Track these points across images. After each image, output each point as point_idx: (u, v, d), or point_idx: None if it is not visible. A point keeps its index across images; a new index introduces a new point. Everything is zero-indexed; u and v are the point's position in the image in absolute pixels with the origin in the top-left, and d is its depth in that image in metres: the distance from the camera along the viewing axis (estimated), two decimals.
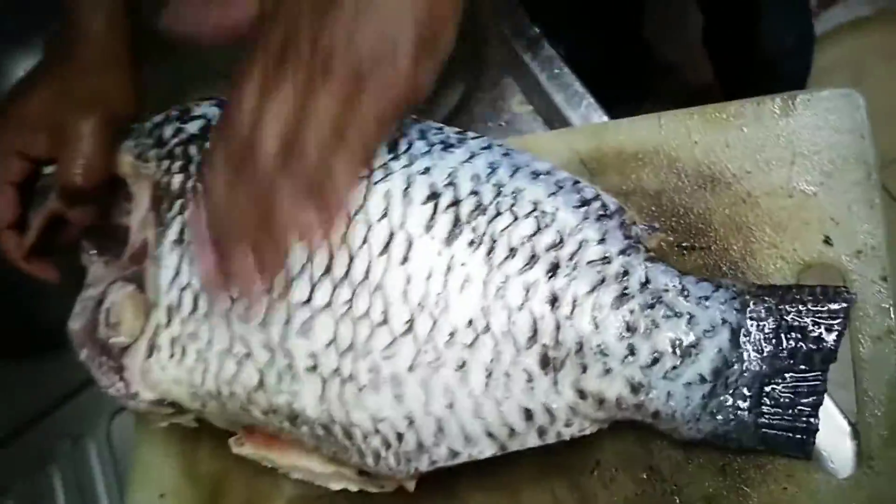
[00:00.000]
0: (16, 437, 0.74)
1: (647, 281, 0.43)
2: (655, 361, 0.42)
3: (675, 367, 0.42)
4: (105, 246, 0.55)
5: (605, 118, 0.59)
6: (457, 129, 0.48)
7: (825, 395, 0.42)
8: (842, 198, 0.47)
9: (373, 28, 0.39)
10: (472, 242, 0.43)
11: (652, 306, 0.42)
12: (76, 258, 0.56)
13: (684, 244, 0.49)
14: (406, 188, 0.44)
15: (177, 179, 0.48)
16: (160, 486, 0.57)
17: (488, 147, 0.47)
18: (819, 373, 0.42)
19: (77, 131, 0.49)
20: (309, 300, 0.43)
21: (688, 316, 0.42)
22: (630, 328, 0.42)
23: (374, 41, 0.39)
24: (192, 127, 0.50)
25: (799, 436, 0.42)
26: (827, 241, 0.47)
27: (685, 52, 1.45)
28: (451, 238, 0.43)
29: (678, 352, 0.42)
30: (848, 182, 0.47)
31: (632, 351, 0.42)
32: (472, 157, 0.46)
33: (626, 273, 0.43)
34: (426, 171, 0.45)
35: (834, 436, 0.44)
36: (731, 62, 1.21)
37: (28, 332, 0.75)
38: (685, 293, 0.43)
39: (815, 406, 0.42)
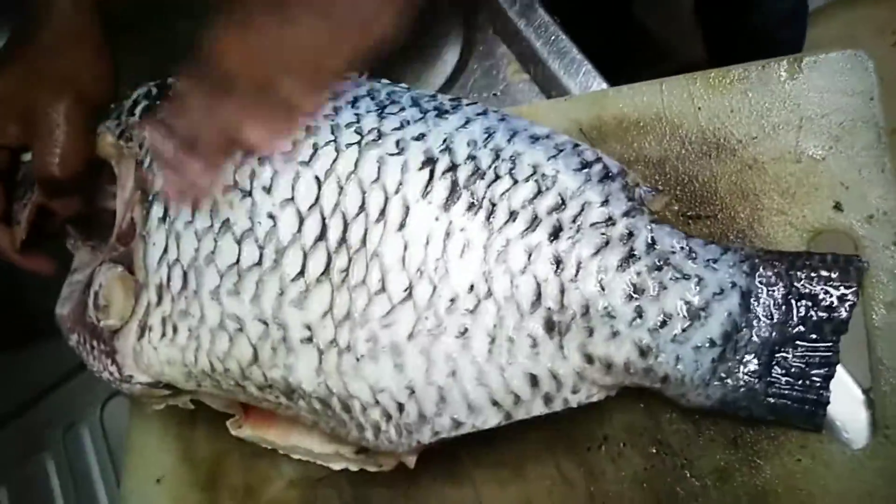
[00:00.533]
0: (7, 426, 0.73)
1: (654, 243, 0.41)
2: (664, 324, 0.40)
3: (684, 330, 0.41)
4: (90, 231, 0.53)
5: (605, 85, 0.58)
6: (451, 97, 0.47)
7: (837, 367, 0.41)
8: (852, 162, 0.46)
9: None
10: (470, 207, 0.41)
11: (659, 268, 0.41)
12: (59, 244, 0.54)
13: (689, 213, 0.48)
14: (399, 153, 0.43)
15: None
16: (157, 470, 0.55)
17: (484, 113, 0.46)
18: (831, 343, 0.41)
19: (49, 118, 0.47)
20: (302, 270, 0.42)
21: (696, 278, 0.41)
22: (637, 290, 0.41)
23: None
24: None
25: (809, 407, 0.41)
26: (837, 206, 0.45)
27: (676, 28, 1.43)
28: (449, 203, 0.41)
29: (687, 314, 0.41)
30: (858, 146, 0.46)
31: (639, 313, 0.40)
32: (467, 122, 0.44)
33: (630, 235, 0.41)
34: (420, 137, 0.43)
35: (848, 405, 0.43)
36: (723, 33, 1.19)
37: (14, 321, 0.74)
38: (693, 255, 0.42)
39: (827, 378, 0.41)
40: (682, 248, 0.42)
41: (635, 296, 0.41)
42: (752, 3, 1.07)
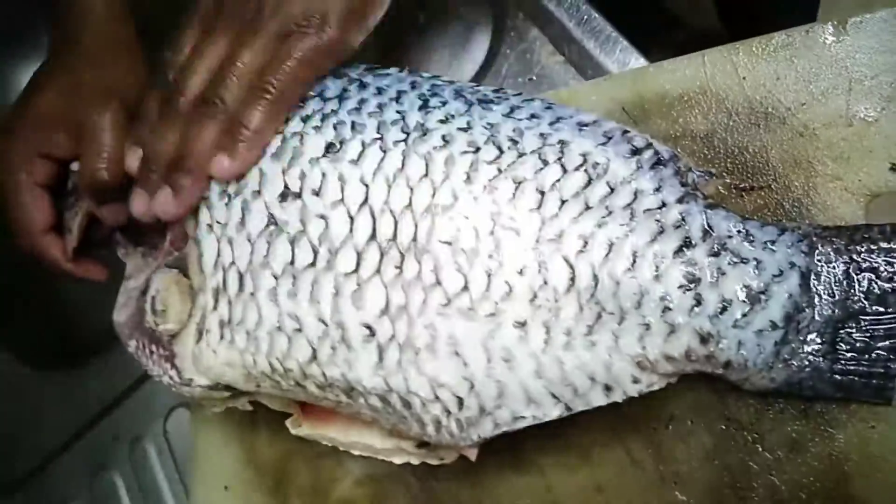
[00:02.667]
0: (72, 446, 0.74)
1: (710, 228, 0.41)
2: (724, 310, 0.40)
3: (744, 315, 0.40)
4: (140, 237, 0.54)
5: (643, 61, 0.57)
6: (494, 87, 0.47)
7: None
8: None
9: None
10: (519, 195, 0.41)
11: (717, 254, 0.40)
12: (109, 255, 0.55)
13: (742, 185, 0.47)
14: (444, 145, 0.42)
15: None
16: (223, 478, 0.56)
17: (528, 101, 0.45)
18: (895, 314, 0.40)
19: (95, 125, 0.48)
20: (356, 269, 0.42)
21: (755, 261, 0.40)
22: (694, 278, 0.40)
23: (303, 5, 0.43)
24: None
25: (878, 381, 0.40)
26: (893, 168, 0.44)
27: None
28: (497, 192, 0.41)
29: (747, 299, 0.40)
30: None
31: (698, 301, 0.40)
32: (512, 111, 0.44)
33: (685, 221, 0.41)
34: (466, 128, 0.43)
35: None
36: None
37: (69, 340, 0.75)
38: (750, 238, 0.41)
39: (893, 349, 0.40)
40: (738, 231, 0.41)
41: (693, 283, 0.40)
42: None
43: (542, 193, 0.41)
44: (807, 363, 0.40)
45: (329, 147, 0.44)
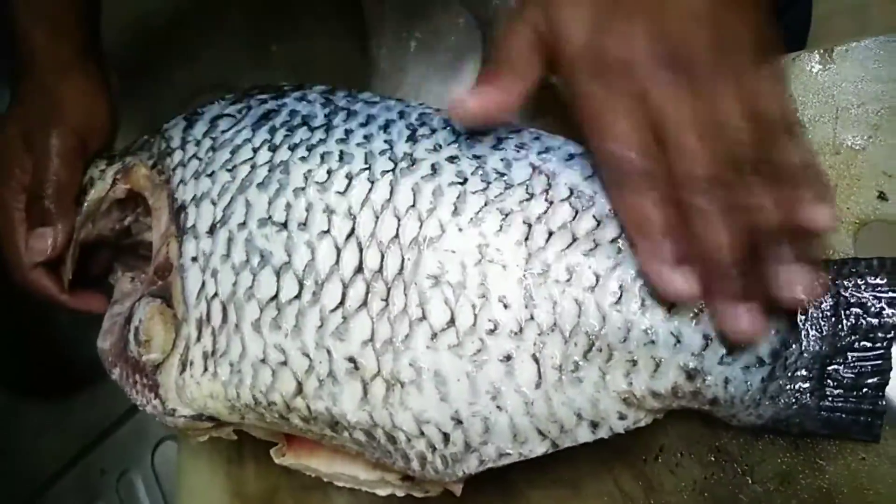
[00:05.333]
0: (60, 478, 0.73)
1: None
2: (707, 346, 0.40)
3: (731, 351, 0.40)
4: (129, 261, 0.53)
5: None
6: None
7: (891, 371, 0.40)
8: (892, 150, 0.45)
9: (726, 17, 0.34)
10: (507, 227, 0.41)
11: None
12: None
13: None
14: (432, 175, 0.42)
15: (191, 186, 0.46)
16: None
17: (517, 131, 0.45)
18: (882, 350, 0.40)
19: (40, 149, 0.48)
20: (342, 302, 0.41)
21: None
22: (679, 312, 0.40)
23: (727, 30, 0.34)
24: (198, 131, 0.48)
25: (865, 418, 0.40)
26: (881, 196, 0.44)
27: None
28: (483, 224, 0.41)
29: None
30: None
31: (682, 336, 0.40)
32: (500, 141, 0.44)
33: None
34: (453, 159, 0.43)
35: None
36: None
37: (62, 370, 0.74)
38: None
39: (881, 386, 0.40)
40: None
41: (676, 318, 0.40)
42: None
43: (529, 226, 0.41)
44: (794, 400, 0.40)
45: (315, 177, 0.43)
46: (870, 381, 0.40)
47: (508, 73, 0.40)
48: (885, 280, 0.40)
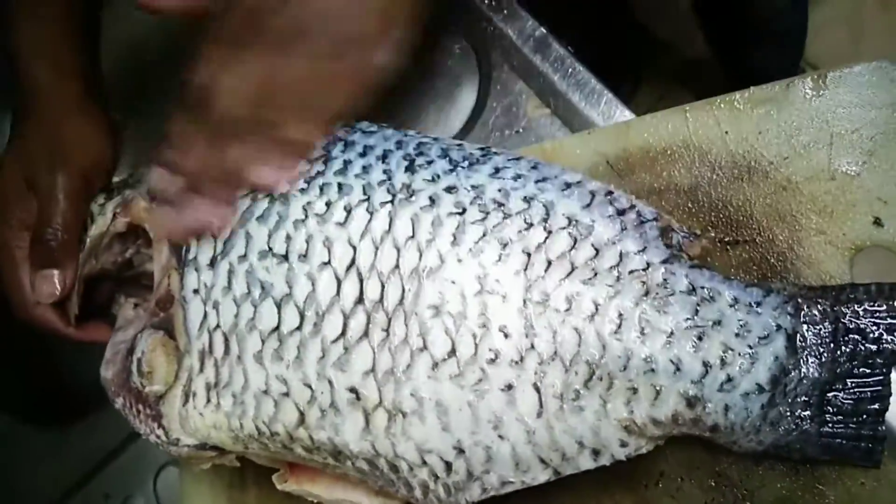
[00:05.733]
0: (64, 503, 0.72)
1: (693, 289, 0.41)
2: (707, 373, 0.40)
3: (730, 378, 0.40)
4: (133, 291, 0.54)
5: (627, 112, 0.57)
6: (479, 146, 0.47)
7: (891, 397, 0.40)
8: (887, 175, 0.45)
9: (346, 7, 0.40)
10: (506, 257, 0.41)
11: (700, 315, 0.40)
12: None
13: (727, 239, 0.47)
14: (431, 206, 0.43)
15: None
16: None
17: (514, 160, 0.45)
18: (881, 377, 0.40)
19: (47, 192, 0.48)
20: (343, 332, 0.42)
21: (739, 324, 0.40)
22: (679, 340, 0.40)
23: (346, 21, 0.40)
24: None
25: (865, 444, 0.40)
26: (877, 222, 0.45)
27: (676, 27, 1.44)
28: (482, 254, 0.41)
29: (732, 362, 0.40)
30: (892, 159, 0.45)
31: (682, 364, 0.40)
32: (497, 171, 0.44)
33: (669, 282, 0.41)
34: (451, 189, 0.43)
35: None
36: (723, 26, 1.19)
37: (64, 396, 0.74)
38: (735, 300, 0.41)
39: (881, 412, 0.40)
40: (722, 293, 0.41)
41: (677, 347, 0.40)
42: None
43: (528, 255, 0.41)
44: (794, 426, 0.40)
45: (314, 209, 0.44)
46: (869, 407, 0.40)
47: None
48: (884, 306, 0.41)
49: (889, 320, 0.40)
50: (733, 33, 1.18)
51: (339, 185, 0.44)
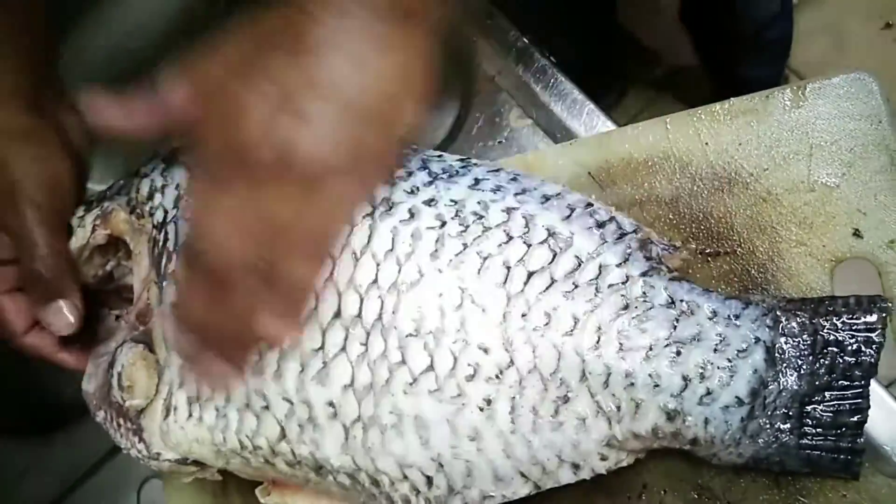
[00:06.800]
0: None
1: (672, 302, 0.41)
2: (686, 387, 0.40)
3: (709, 392, 0.40)
4: (115, 304, 0.53)
5: (609, 123, 0.58)
6: (459, 157, 0.47)
7: (869, 409, 0.40)
8: (867, 187, 0.45)
9: (332, 123, 0.36)
10: (485, 270, 0.41)
11: (679, 329, 0.41)
12: None
13: (707, 250, 0.47)
14: (410, 219, 0.42)
15: (171, 230, 0.46)
16: None
17: (494, 171, 0.45)
18: (860, 389, 0.40)
19: (16, 227, 0.46)
20: (322, 346, 0.41)
21: (718, 337, 0.41)
22: (658, 354, 0.40)
23: (334, 136, 0.36)
24: (176, 173, 0.48)
25: (844, 456, 0.41)
26: (857, 233, 0.45)
27: (663, 35, 1.45)
28: (461, 267, 0.41)
29: (711, 375, 0.40)
30: (871, 171, 0.46)
31: (661, 378, 0.40)
32: (477, 182, 0.44)
33: (649, 295, 0.41)
34: (431, 202, 0.43)
35: (894, 431, 0.42)
36: (710, 36, 1.20)
37: (44, 409, 0.74)
38: (714, 313, 0.41)
39: (859, 424, 0.40)
40: (701, 306, 0.41)
41: (656, 360, 0.40)
42: (737, 7, 1.07)
43: (508, 268, 0.41)
44: (774, 439, 0.40)
45: None
46: (848, 419, 0.40)
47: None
48: (862, 318, 0.41)
49: (867, 333, 0.40)
50: (721, 43, 1.18)
51: None
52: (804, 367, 0.40)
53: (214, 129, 0.37)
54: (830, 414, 0.40)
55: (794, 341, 0.41)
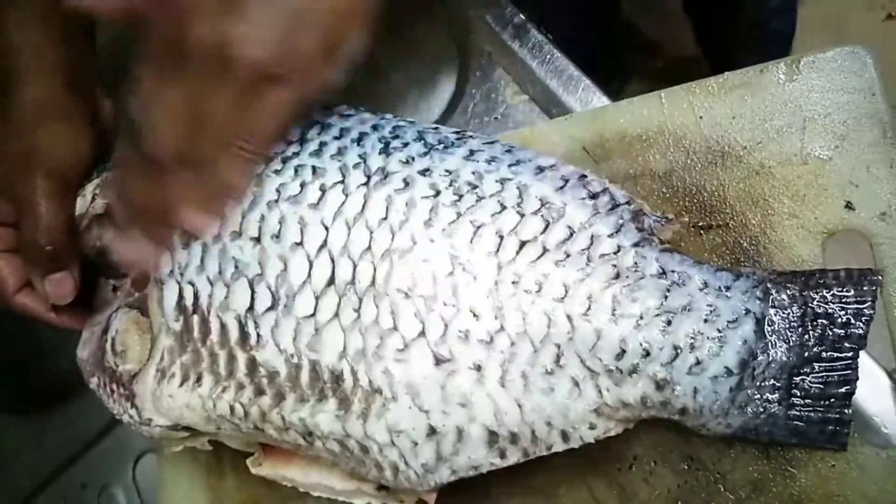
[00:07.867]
0: (40, 493, 0.72)
1: (663, 273, 0.41)
2: (677, 356, 0.40)
3: (699, 362, 0.40)
4: (110, 271, 0.53)
5: (605, 99, 0.58)
6: (455, 129, 0.47)
7: (858, 381, 0.41)
8: (859, 160, 0.45)
9: (275, 27, 0.38)
10: (478, 238, 0.41)
11: (670, 299, 0.41)
12: None
13: (700, 224, 0.48)
14: (405, 188, 0.43)
15: None
16: None
17: (489, 143, 0.46)
18: (849, 360, 0.40)
19: (26, 197, 0.47)
20: (314, 313, 0.42)
21: (709, 308, 0.41)
22: (648, 323, 0.40)
23: (272, 49, 0.38)
24: None
25: (832, 427, 0.41)
26: (849, 205, 0.45)
27: (665, 26, 1.44)
28: (454, 236, 0.41)
29: (701, 345, 0.40)
30: (864, 143, 0.45)
31: (652, 347, 0.40)
32: (472, 153, 0.44)
33: (640, 266, 0.41)
34: (426, 171, 0.43)
35: (883, 402, 0.42)
36: (714, 27, 1.20)
37: (39, 385, 0.74)
38: (704, 284, 0.41)
39: (847, 396, 0.40)
40: (692, 276, 0.41)
41: (646, 329, 0.40)
42: None
43: (501, 237, 0.41)
44: (762, 409, 0.41)
45: (289, 191, 0.44)
46: (837, 390, 0.40)
47: None
48: (852, 291, 0.41)
49: (857, 305, 0.41)
50: (724, 34, 1.18)
51: (314, 168, 0.44)
52: (793, 338, 0.41)
53: (164, 22, 0.39)
54: (819, 385, 0.40)
55: (783, 313, 0.41)
